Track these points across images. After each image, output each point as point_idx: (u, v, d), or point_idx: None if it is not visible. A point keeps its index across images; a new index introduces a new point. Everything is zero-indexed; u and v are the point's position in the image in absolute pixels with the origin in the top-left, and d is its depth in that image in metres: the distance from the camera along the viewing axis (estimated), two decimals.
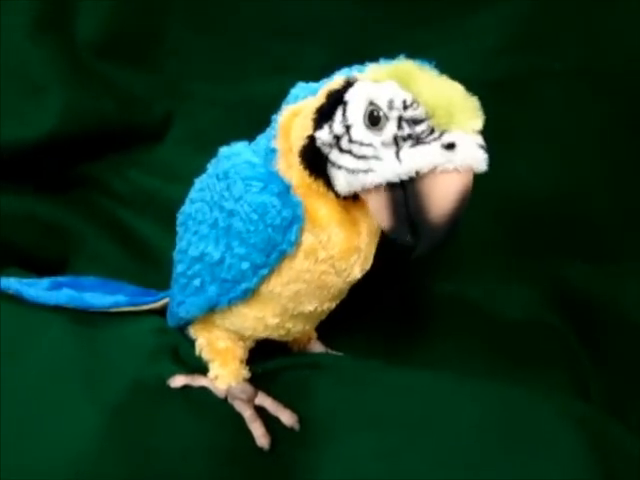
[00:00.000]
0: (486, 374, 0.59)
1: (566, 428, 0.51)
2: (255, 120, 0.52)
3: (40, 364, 0.57)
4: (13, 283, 0.65)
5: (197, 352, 0.58)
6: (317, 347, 0.66)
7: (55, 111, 0.81)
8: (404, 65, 0.41)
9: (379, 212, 0.42)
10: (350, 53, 0.51)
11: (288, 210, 0.45)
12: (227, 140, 0.52)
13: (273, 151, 0.48)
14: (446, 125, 0.38)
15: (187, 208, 0.54)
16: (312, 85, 0.48)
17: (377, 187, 0.41)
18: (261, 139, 0.50)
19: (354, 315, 0.68)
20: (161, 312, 0.64)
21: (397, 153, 0.39)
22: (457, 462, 0.49)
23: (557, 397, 0.56)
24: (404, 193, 0.40)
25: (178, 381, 0.56)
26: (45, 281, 0.67)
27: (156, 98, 0.87)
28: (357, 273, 0.50)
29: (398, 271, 0.79)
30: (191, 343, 0.59)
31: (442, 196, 0.38)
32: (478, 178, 0.39)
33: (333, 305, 0.55)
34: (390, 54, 0.44)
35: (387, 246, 0.53)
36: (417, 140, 0.39)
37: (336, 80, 0.44)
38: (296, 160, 0.45)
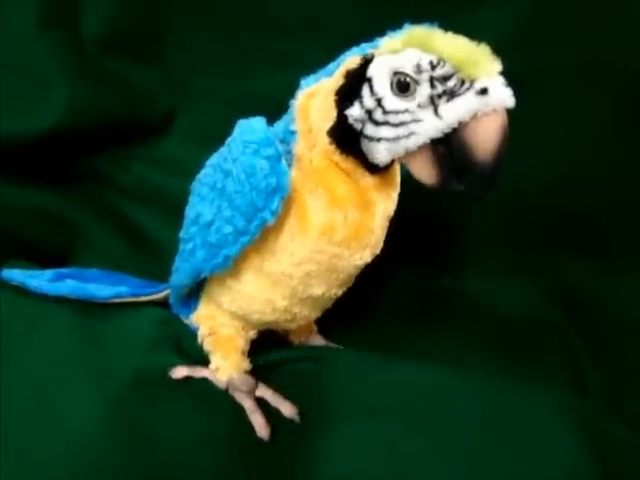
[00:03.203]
0: (485, 369, 0.60)
1: (564, 423, 0.51)
2: (258, 114, 0.52)
3: (43, 354, 0.58)
4: (17, 274, 0.66)
5: (199, 342, 0.58)
6: (317, 340, 0.67)
7: (60, 105, 0.81)
8: (416, 31, 0.43)
9: (425, 170, 0.44)
10: (353, 47, 0.51)
11: (274, 177, 0.46)
12: (229, 134, 0.52)
13: (292, 133, 0.49)
14: (475, 74, 0.40)
15: (200, 173, 0.55)
16: (322, 70, 0.49)
17: (419, 148, 0.43)
18: (279, 123, 0.51)
19: (355, 309, 0.68)
20: (163, 303, 0.65)
21: (435, 110, 0.41)
22: (456, 455, 0.49)
23: (555, 392, 0.56)
24: (446, 146, 0.42)
25: (179, 372, 0.56)
26: (48, 272, 0.67)
27: (160, 93, 0.87)
28: (368, 256, 0.51)
29: (399, 267, 0.80)
30: (193, 334, 0.59)
31: (486, 137, 0.40)
32: None
33: (340, 292, 0.55)
34: None
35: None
36: (452, 94, 0.41)
37: (352, 60, 0.46)
38: (320, 140, 0.47)
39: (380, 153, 0.45)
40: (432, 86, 0.41)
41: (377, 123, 0.44)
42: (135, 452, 0.50)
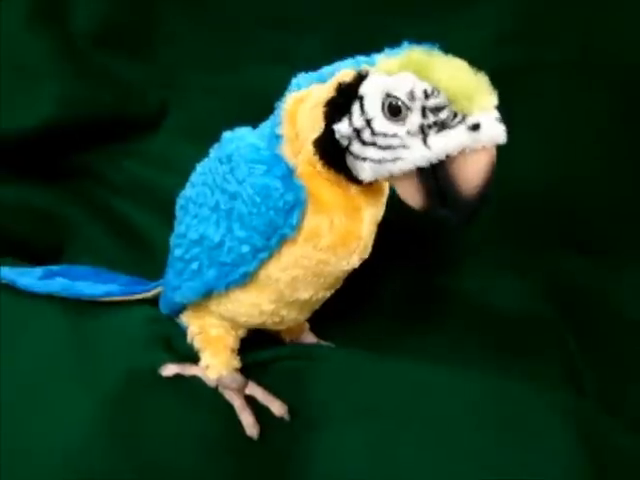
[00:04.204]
0: (480, 367, 0.59)
1: (558, 421, 0.51)
2: (251, 110, 0.52)
3: (33, 353, 0.57)
4: (6, 272, 0.65)
5: (189, 340, 0.58)
6: (309, 338, 0.66)
7: (51, 100, 0.81)
8: (415, 54, 0.42)
9: (410, 194, 0.43)
10: (348, 43, 0.51)
11: (290, 194, 0.45)
12: (222, 130, 0.52)
13: (278, 137, 0.48)
14: (468, 108, 0.39)
15: (188, 191, 0.54)
16: (314, 74, 0.48)
17: (405, 173, 0.42)
18: (265, 126, 0.50)
19: (347, 307, 0.68)
20: (153, 301, 0.64)
21: (424, 140, 0.40)
22: (449, 454, 0.49)
23: (548, 389, 0.56)
24: (432, 172, 0.42)
25: (170, 370, 0.56)
26: (38, 270, 0.67)
27: (151, 88, 0.87)
28: (356, 261, 0.50)
29: (392, 264, 0.79)
30: (183, 332, 0.59)
31: (472, 173, 0.40)
32: None
33: (328, 294, 0.55)
34: (389, 44, 0.44)
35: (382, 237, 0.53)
36: (443, 126, 0.40)
37: (345, 72, 0.44)
38: (306, 148, 0.46)
39: (364, 172, 0.44)
40: (424, 115, 0.40)
41: (364, 143, 0.43)
42: (125, 449, 0.50)
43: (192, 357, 0.57)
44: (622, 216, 0.81)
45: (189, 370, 0.56)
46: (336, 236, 0.48)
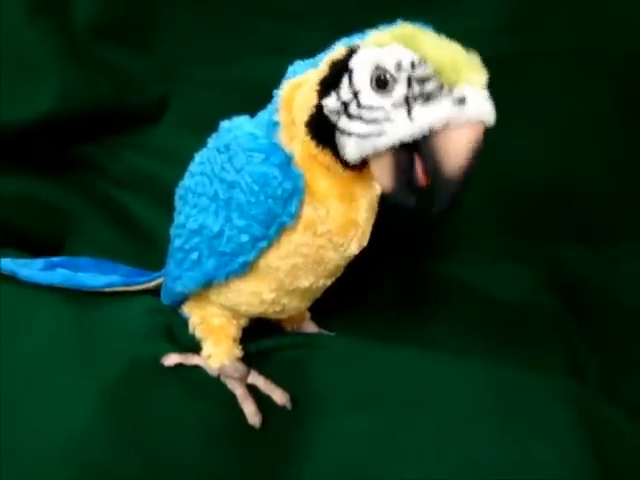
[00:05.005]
0: (481, 356, 0.60)
1: (558, 408, 0.51)
2: (251, 102, 0.52)
3: (35, 344, 0.57)
4: (8, 263, 0.65)
5: (190, 330, 0.58)
6: (311, 327, 0.66)
7: (51, 93, 0.81)
8: (406, 27, 0.41)
9: (384, 175, 0.43)
10: (348, 34, 0.50)
11: (289, 182, 0.45)
12: (217, 125, 0.52)
13: (275, 124, 0.48)
14: (455, 81, 0.38)
15: (187, 181, 0.54)
16: (310, 60, 0.48)
17: (387, 150, 0.42)
18: (263, 114, 0.50)
19: (349, 296, 0.68)
20: (155, 292, 0.64)
21: (409, 113, 0.40)
22: (450, 442, 0.49)
23: (550, 378, 0.56)
24: (414, 155, 0.41)
25: (171, 359, 0.56)
26: (40, 261, 0.67)
27: (152, 80, 0.87)
28: (354, 249, 0.50)
29: (393, 252, 0.79)
30: (185, 322, 0.59)
31: (456, 150, 0.38)
32: None
33: (329, 282, 0.55)
34: None
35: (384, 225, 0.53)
36: (428, 98, 0.39)
37: (338, 50, 0.44)
38: (300, 132, 0.46)
39: (350, 148, 0.43)
40: (409, 86, 0.40)
41: (350, 116, 0.42)
42: (127, 439, 0.50)
43: (194, 347, 0.57)
44: (621, 204, 0.81)
45: (191, 360, 0.56)
46: (334, 224, 0.48)
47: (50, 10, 0.83)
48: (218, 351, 0.55)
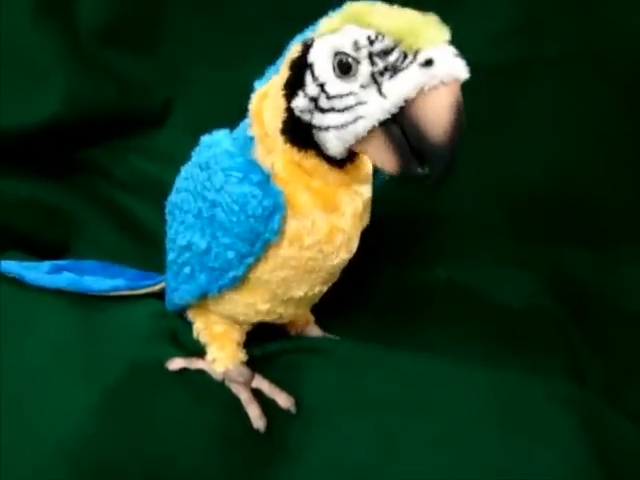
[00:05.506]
0: (483, 359, 0.60)
1: (559, 412, 0.51)
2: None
3: (40, 347, 0.58)
4: (14, 266, 0.66)
5: (195, 335, 0.58)
6: (314, 331, 0.66)
7: (56, 96, 0.81)
8: (353, 6, 0.41)
9: (382, 156, 0.41)
10: None
11: (269, 199, 0.45)
12: (226, 126, 0.52)
13: (251, 139, 0.47)
14: (417, 45, 0.37)
15: (173, 197, 0.54)
16: (272, 68, 0.47)
17: (371, 132, 0.40)
18: (240, 128, 0.50)
19: (351, 300, 0.68)
20: (160, 295, 0.65)
21: (379, 90, 0.39)
22: (452, 445, 0.49)
23: (551, 381, 0.56)
24: (400, 128, 0.40)
25: (176, 364, 0.56)
26: (46, 265, 0.67)
27: (156, 84, 0.87)
28: (344, 255, 0.50)
29: (393, 256, 0.80)
30: (189, 326, 0.59)
31: (436, 114, 0.37)
32: (476, 163, 0.39)
33: (324, 288, 0.55)
34: None
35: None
36: (394, 69, 0.38)
37: (294, 48, 0.44)
38: (277, 142, 0.45)
39: (331, 142, 0.42)
40: (372, 63, 0.39)
41: (323, 110, 0.41)
42: (131, 443, 0.50)
43: (198, 351, 0.57)
44: (623, 208, 0.81)
45: (195, 364, 0.56)
46: (320, 234, 0.47)
47: (55, 15, 0.83)
48: (222, 355, 0.55)
